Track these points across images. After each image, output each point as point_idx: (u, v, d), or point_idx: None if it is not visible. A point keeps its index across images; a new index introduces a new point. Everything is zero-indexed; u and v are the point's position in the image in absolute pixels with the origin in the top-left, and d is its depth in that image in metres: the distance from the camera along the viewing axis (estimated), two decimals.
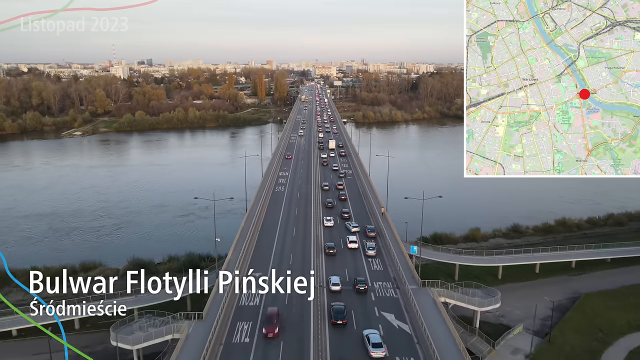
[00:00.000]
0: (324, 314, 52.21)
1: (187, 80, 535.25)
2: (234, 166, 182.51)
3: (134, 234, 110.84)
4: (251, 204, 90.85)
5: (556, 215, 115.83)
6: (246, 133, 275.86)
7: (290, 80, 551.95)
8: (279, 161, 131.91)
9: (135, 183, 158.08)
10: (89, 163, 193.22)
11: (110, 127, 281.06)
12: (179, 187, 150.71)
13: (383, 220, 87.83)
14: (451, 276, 77.51)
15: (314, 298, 51.29)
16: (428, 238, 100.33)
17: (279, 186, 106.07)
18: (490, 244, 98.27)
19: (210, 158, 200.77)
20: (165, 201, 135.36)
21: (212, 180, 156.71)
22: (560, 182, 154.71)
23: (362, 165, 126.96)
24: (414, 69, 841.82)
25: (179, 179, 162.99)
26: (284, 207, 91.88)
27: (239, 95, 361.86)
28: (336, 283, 58.63)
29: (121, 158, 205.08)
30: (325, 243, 72.63)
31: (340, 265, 66.42)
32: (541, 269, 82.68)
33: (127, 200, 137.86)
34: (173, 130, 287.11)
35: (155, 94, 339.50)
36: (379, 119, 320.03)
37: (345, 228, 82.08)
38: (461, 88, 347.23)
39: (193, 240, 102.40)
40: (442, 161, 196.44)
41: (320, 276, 61.57)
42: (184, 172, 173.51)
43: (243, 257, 66.81)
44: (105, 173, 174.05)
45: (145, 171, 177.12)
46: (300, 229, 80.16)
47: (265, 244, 73.53)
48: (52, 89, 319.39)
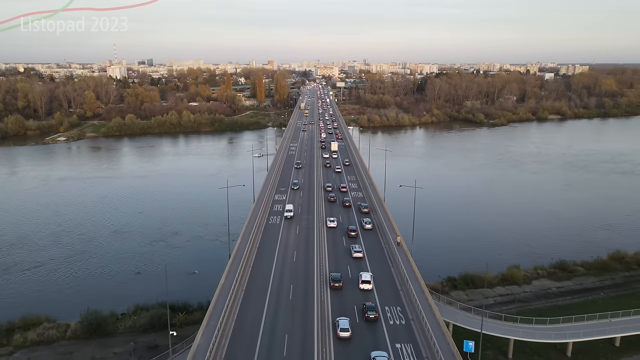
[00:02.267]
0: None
1: (184, 80, 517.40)
2: (221, 178, 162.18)
3: (91, 269, 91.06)
4: (237, 244, 70.55)
5: (605, 246, 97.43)
6: (243, 139, 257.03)
7: (291, 81, 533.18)
8: (275, 181, 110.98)
9: (103, 200, 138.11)
10: (61, 174, 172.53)
11: (98, 132, 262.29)
12: (150, 205, 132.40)
13: (400, 252, 70.13)
14: (502, 352, 59.05)
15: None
16: (456, 279, 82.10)
17: (274, 216, 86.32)
18: (535, 288, 79.71)
19: (197, 168, 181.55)
20: (132, 224, 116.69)
21: (192, 196, 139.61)
22: (581, 202, 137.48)
23: (374, 185, 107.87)
24: (417, 69, 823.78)
25: (153, 194, 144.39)
26: (279, 250, 71.38)
27: (236, 97, 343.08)
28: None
29: (99, 168, 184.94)
30: (335, 320, 50.85)
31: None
32: (623, 341, 63.48)
33: (87, 222, 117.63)
34: (166, 134, 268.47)
35: (148, 95, 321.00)
36: (385, 123, 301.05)
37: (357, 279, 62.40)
38: (470, 90, 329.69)
39: (161, 277, 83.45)
40: (456, 173, 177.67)
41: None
42: (162, 186, 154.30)
43: (225, 321, 48.90)
44: (75, 186, 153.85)
45: (119, 184, 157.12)
46: (299, 291, 58.39)
47: (251, 314, 53.01)
48: (39, 90, 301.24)
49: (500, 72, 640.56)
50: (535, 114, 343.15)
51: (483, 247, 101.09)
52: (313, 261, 67.31)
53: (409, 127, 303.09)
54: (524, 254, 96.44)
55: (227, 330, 49.42)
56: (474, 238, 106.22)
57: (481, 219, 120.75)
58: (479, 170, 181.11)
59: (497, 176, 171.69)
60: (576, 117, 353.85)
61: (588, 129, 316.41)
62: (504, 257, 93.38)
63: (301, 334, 49.18)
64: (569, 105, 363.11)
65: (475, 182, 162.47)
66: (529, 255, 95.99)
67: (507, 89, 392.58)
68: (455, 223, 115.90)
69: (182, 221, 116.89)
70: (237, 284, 58.58)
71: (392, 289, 60.53)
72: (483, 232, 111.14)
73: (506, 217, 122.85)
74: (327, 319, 52.02)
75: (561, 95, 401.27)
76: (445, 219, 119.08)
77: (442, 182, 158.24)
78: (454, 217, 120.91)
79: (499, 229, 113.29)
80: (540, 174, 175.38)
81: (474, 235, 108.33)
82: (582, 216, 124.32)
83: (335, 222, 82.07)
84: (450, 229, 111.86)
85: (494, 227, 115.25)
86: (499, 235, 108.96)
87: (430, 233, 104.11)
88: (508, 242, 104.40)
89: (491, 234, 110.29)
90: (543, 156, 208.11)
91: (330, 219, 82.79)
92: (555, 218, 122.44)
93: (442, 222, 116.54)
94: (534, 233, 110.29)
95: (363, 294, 58.14)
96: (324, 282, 60.77)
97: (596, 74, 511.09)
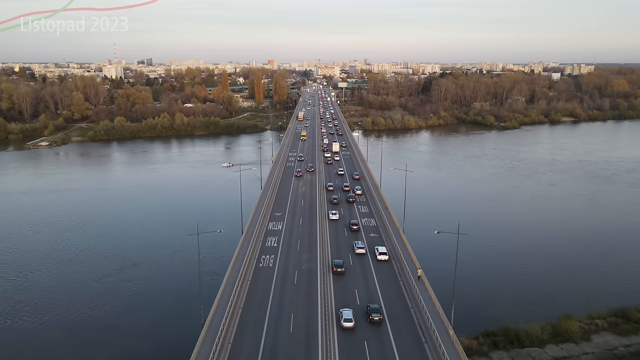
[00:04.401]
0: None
1: (181, 80, 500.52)
2: (205, 191, 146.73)
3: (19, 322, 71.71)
4: (219, 295, 54.46)
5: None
6: (239, 144, 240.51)
7: (291, 82, 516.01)
8: (269, 204, 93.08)
9: (61, 218, 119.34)
10: (26, 186, 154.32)
11: (85, 136, 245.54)
12: (111, 226, 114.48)
13: (421, 289, 54.65)
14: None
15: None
16: (496, 333, 65.53)
17: (266, 256, 67.53)
18: (597, 347, 63.13)
19: (179, 179, 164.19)
20: (87, 250, 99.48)
21: (164, 217, 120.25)
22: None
23: (388, 209, 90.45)
24: (419, 69, 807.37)
25: (119, 212, 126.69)
26: (269, 319, 51.82)
27: (233, 99, 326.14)
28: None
29: (68, 179, 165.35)
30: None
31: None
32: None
33: (34, 247, 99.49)
34: (157, 138, 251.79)
35: (140, 96, 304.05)
36: (390, 126, 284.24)
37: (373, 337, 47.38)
38: (478, 90, 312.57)
39: (116, 337, 67.22)
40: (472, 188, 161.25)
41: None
42: (131, 202, 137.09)
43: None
44: (32, 202, 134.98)
45: (83, 199, 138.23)
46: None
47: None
48: (24, 91, 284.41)
49: (505, 71, 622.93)
50: (547, 116, 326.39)
51: (513, 281, 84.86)
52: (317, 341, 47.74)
53: (415, 130, 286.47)
54: (568, 294, 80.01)
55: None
56: (499, 268, 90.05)
57: (502, 245, 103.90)
58: (490, 182, 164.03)
59: (511, 189, 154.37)
60: (590, 119, 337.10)
61: (604, 132, 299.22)
62: (545, 298, 77.09)
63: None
64: (581, 107, 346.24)
65: (488, 196, 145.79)
66: (575, 295, 79.60)
67: (516, 90, 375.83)
68: (471, 249, 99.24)
69: (144, 251, 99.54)
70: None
71: (415, 343, 46.11)
72: (509, 261, 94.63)
73: (531, 242, 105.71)
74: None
75: (571, 96, 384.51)
76: (463, 246, 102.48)
77: (450, 199, 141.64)
78: (469, 242, 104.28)
79: (527, 259, 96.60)
80: (559, 186, 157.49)
81: (499, 265, 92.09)
82: (622, 240, 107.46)
83: (343, 267, 64.66)
84: (467, 257, 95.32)
85: (521, 256, 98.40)
86: (528, 267, 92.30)
87: (443, 262, 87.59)
88: (543, 276, 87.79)
89: (519, 265, 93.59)
90: (559, 164, 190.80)
91: (336, 262, 65.62)
92: (590, 242, 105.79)
93: (461, 249, 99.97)
94: (571, 263, 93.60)
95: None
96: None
97: (606, 74, 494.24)
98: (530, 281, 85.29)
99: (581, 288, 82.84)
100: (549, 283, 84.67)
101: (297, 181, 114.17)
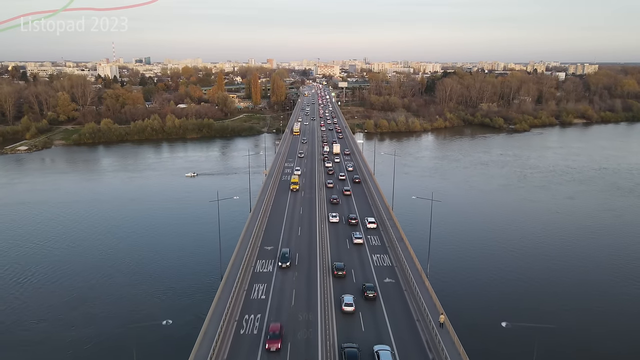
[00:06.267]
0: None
1: (177, 80, 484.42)
2: (179, 210, 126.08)
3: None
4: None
5: None
6: (233, 149, 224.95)
7: (289, 81, 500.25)
8: (259, 231, 77.64)
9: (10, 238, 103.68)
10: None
11: (69, 139, 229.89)
12: (66, 248, 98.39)
13: (444, 338, 40.34)
14: None
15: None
16: None
17: (248, 317, 51.36)
18: None
19: (153, 191, 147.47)
20: (38, 280, 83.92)
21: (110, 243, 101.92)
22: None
23: (404, 239, 73.81)
24: (419, 68, 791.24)
25: (58, 234, 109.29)
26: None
27: (228, 99, 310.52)
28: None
29: (33, 189, 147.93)
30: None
31: None
32: None
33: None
34: (147, 142, 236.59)
35: (131, 97, 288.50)
36: (393, 129, 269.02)
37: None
38: (485, 91, 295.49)
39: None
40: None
41: None
42: (82, 219, 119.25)
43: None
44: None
45: (40, 214, 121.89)
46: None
47: None
48: (6, 91, 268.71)
49: (506, 71, 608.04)
50: (557, 118, 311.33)
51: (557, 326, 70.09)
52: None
53: (420, 133, 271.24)
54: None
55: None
56: (537, 311, 75.23)
57: (526, 277, 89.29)
58: (501, 193, 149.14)
59: (525, 203, 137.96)
60: (602, 121, 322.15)
61: (618, 135, 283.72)
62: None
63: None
64: (592, 108, 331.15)
65: (500, 212, 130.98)
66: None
67: (523, 90, 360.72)
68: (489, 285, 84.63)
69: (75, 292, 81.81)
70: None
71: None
72: (541, 300, 79.92)
73: (561, 277, 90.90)
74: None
75: (580, 96, 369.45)
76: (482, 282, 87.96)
77: (458, 218, 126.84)
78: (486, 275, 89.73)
79: (563, 295, 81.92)
80: (580, 199, 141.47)
81: (534, 308, 77.36)
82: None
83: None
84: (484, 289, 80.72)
85: (555, 292, 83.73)
86: (568, 304, 77.57)
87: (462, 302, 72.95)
88: (594, 322, 73.05)
89: (557, 303, 78.91)
90: (576, 173, 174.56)
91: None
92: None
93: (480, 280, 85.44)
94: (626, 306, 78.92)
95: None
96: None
97: (614, 73, 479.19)
98: (574, 325, 70.49)
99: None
100: (600, 330, 69.85)
101: (293, 204, 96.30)
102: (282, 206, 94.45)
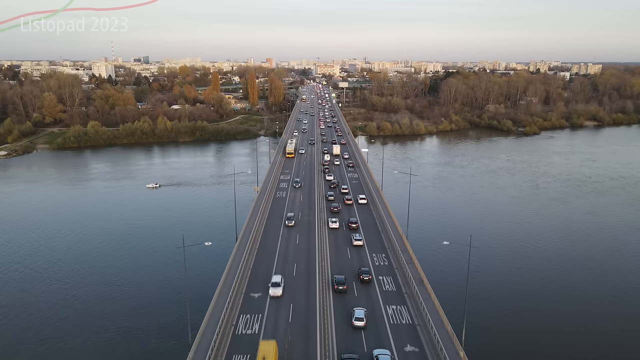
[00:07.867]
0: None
1: (173, 80, 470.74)
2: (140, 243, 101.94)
3: None
4: None
5: None
6: (227, 154, 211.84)
7: (288, 81, 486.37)
8: (248, 261, 64.91)
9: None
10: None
11: (53, 143, 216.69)
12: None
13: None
14: None
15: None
16: None
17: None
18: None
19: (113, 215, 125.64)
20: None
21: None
22: None
23: (424, 280, 59.34)
24: (420, 68, 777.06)
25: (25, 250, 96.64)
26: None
27: (224, 100, 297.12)
28: None
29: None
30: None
31: None
32: None
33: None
34: (137, 145, 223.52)
35: (121, 97, 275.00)
36: (397, 131, 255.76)
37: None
38: (491, 91, 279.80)
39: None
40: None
41: None
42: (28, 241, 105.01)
43: None
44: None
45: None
46: None
47: None
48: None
49: (515, 71, 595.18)
50: (568, 120, 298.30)
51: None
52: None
53: (424, 136, 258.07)
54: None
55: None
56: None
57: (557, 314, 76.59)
58: (512, 205, 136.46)
59: (540, 218, 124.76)
60: (614, 123, 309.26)
61: (631, 138, 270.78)
62: None
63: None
64: (603, 110, 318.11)
65: (515, 229, 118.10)
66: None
67: (530, 90, 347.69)
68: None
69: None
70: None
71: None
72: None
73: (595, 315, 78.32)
74: None
75: (588, 97, 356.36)
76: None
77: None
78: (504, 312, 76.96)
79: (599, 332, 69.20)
80: (601, 215, 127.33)
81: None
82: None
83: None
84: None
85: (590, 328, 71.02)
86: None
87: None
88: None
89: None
90: (593, 182, 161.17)
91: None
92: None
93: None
94: None
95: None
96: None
97: (622, 73, 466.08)
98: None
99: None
100: None
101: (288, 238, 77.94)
102: (274, 241, 76.21)
